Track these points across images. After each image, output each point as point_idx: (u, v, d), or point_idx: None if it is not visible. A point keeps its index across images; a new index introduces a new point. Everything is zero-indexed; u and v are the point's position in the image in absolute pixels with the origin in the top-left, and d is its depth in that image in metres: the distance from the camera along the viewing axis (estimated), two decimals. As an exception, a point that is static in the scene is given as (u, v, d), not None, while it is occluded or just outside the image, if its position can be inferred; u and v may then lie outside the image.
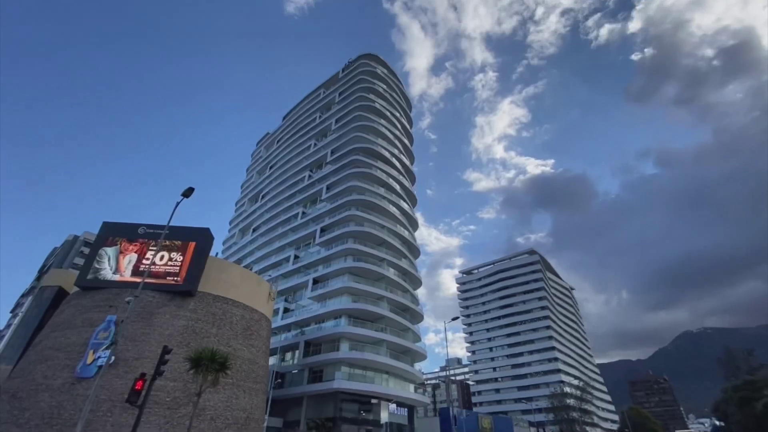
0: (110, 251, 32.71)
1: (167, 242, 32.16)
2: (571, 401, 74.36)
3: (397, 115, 73.14)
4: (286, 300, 54.23)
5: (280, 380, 45.75)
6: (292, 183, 69.06)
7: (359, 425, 42.33)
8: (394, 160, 65.00)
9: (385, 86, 74.17)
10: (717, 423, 78.23)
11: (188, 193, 13.64)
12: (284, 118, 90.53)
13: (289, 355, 49.30)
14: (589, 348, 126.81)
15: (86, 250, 53.81)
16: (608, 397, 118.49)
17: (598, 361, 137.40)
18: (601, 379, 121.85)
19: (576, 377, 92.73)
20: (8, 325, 55.00)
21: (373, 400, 44.58)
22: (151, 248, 32.46)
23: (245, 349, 34.06)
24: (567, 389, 78.94)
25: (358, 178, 57.92)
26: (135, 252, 32.66)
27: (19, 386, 27.44)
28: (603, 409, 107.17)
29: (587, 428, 76.06)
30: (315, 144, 70.61)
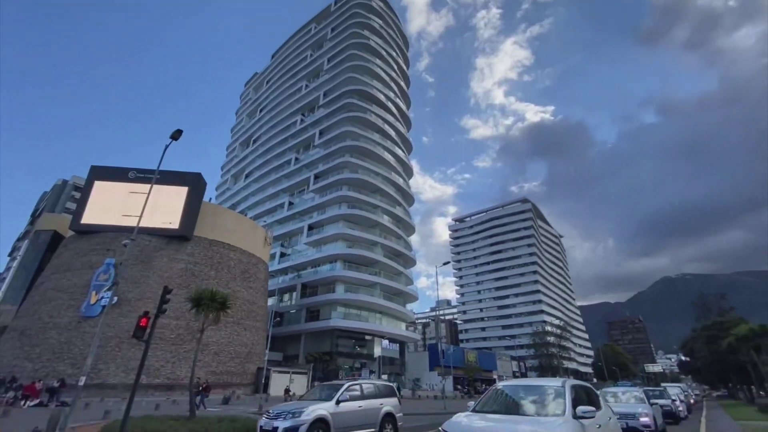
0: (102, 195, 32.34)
1: (160, 187, 31.75)
2: (551, 339, 79.98)
3: (394, 54, 69.16)
4: (282, 245, 55.23)
5: (279, 319, 48.14)
6: (283, 127, 66.91)
7: (354, 358, 45.53)
8: (389, 104, 62.69)
9: (381, 22, 69.21)
10: (683, 358, 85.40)
11: (177, 135, 13.13)
12: (273, 57, 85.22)
13: (286, 297, 51.36)
14: (572, 291, 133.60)
15: (77, 195, 53.14)
16: (586, 336, 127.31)
17: (579, 303, 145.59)
18: (580, 320, 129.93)
19: (558, 318, 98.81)
20: (8, 268, 55.91)
21: (367, 337, 47.49)
22: (142, 193, 32.09)
23: (244, 291, 35.36)
24: (548, 328, 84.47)
25: (352, 122, 56.18)
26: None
27: (27, 324, 28.60)
28: (580, 346, 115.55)
29: (564, 362, 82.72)
30: (306, 85, 67.34)
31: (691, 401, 29.26)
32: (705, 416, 19.47)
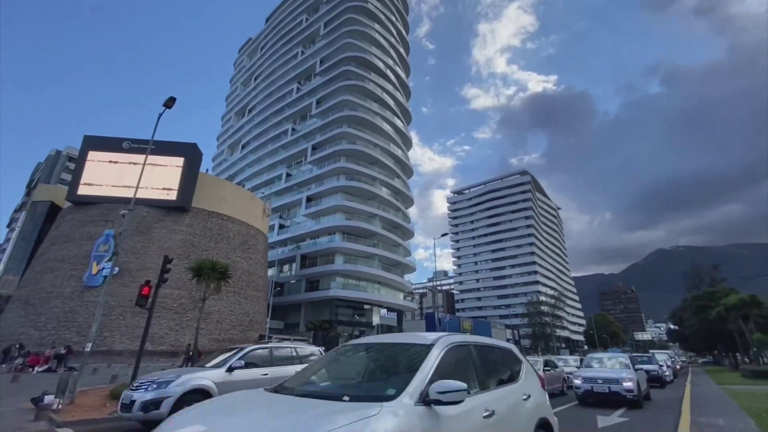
0: (97, 166, 31.96)
1: (155, 157, 31.33)
2: (545, 308, 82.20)
3: (393, 19, 66.37)
4: (280, 217, 55.31)
5: (279, 288, 49.02)
6: (279, 96, 65.25)
7: (354, 326, 46.81)
8: (388, 72, 60.89)
9: (379, -17, 65.92)
10: (671, 327, 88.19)
11: (170, 103, 12.76)
12: (267, 21, 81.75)
13: (286, 267, 52.03)
14: (567, 263, 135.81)
15: (71, 166, 52.49)
16: (579, 305, 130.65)
17: (574, 274, 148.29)
18: (574, 290, 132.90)
19: (552, 288, 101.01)
20: (7, 239, 56.12)
21: (366, 306, 48.60)
22: (137, 163, 31.71)
23: (244, 261, 35.73)
24: (543, 298, 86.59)
25: (350, 91, 54.77)
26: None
27: (30, 294, 29.03)
28: (573, 315, 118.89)
29: (557, 330, 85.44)
30: (302, 52, 65.03)
31: (678, 367, 30.45)
32: (690, 381, 20.30)
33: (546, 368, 13.25)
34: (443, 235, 38.09)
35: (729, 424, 7.19)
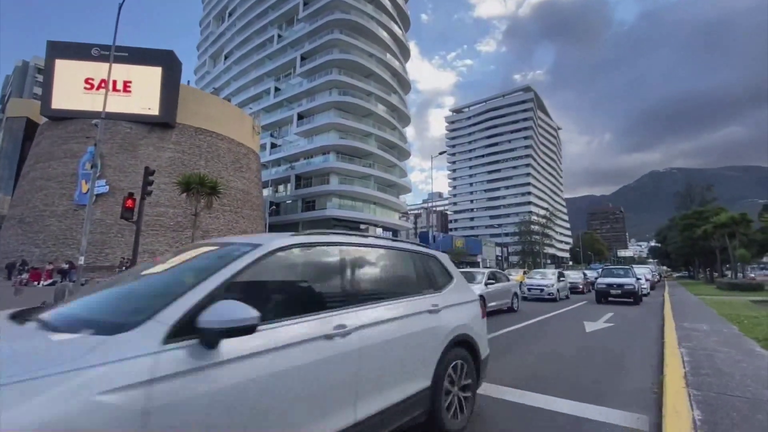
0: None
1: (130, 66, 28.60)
2: (535, 228, 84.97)
3: None
4: (272, 135, 53.24)
5: (275, 207, 49.39)
6: (262, -5, 57.96)
7: (350, 245, 48.28)
8: (385, -33, 53.45)
9: None
10: (653, 244, 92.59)
11: (130, -9, 10.92)
12: None
13: (281, 188, 51.72)
14: (561, 184, 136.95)
15: (41, 78, 48.52)
16: (568, 225, 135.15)
17: (567, 195, 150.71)
18: (565, 210, 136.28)
19: (544, 209, 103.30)
20: (-9, 158, 54.31)
21: (362, 226, 49.54)
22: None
23: (237, 181, 35.18)
24: (534, 218, 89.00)
25: (342, -10, 48.58)
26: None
27: (24, 213, 28.85)
28: (561, 234, 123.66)
29: (545, 248, 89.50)
30: (286, -61, 56.07)
31: (655, 280, 32.48)
32: (667, 292, 21.56)
33: (490, 281, 11.30)
34: (441, 154, 37.31)
35: (713, 328, 7.47)
